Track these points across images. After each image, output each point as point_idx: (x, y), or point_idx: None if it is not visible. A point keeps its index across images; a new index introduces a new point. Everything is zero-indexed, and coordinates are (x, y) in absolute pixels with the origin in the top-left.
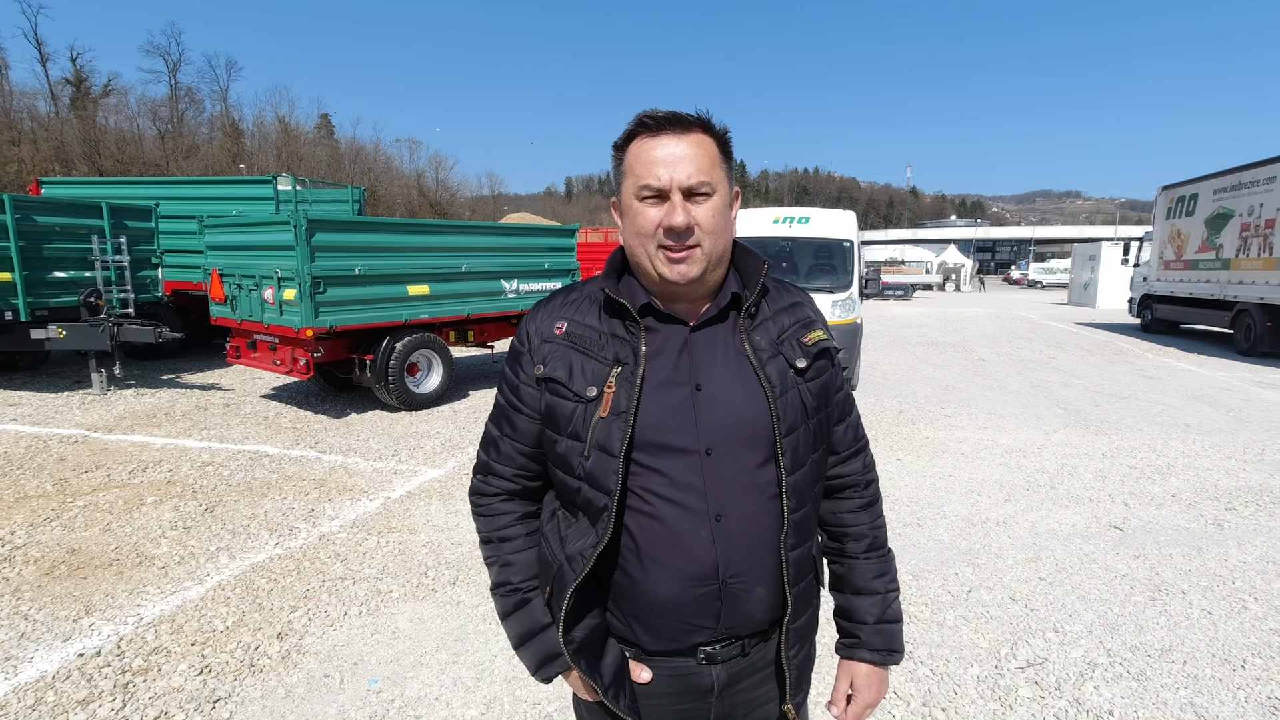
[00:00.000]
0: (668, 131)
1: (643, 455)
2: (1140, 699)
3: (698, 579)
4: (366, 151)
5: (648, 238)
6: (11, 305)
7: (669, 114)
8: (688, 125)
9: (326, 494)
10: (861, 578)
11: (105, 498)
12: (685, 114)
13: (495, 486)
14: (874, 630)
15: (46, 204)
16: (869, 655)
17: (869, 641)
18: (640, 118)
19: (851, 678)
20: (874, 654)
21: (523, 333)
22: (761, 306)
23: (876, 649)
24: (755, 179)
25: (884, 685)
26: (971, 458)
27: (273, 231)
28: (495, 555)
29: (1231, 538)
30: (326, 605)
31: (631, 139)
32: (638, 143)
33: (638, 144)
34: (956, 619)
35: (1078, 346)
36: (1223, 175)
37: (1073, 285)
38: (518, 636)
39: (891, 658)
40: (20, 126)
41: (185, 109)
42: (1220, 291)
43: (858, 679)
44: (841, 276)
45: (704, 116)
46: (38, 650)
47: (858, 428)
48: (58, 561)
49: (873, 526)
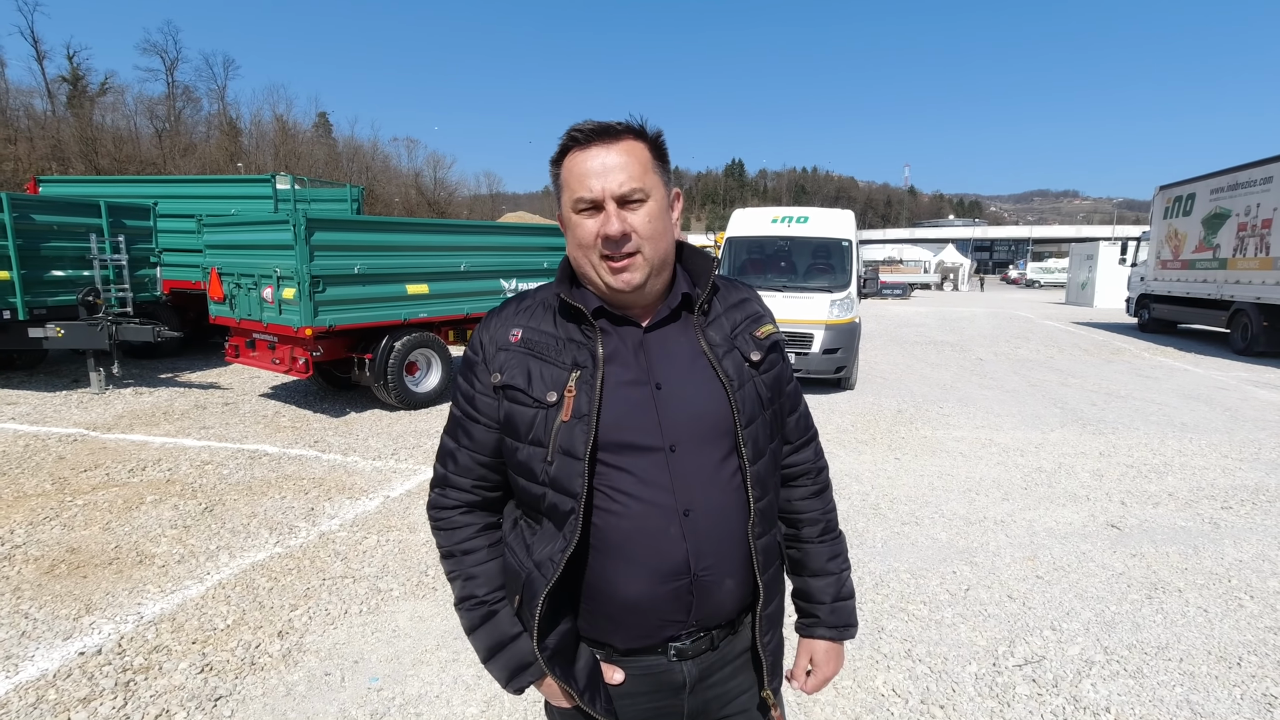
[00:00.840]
0: (596, 143)
1: (608, 455)
2: (1137, 696)
3: (669, 575)
4: (364, 150)
5: (589, 248)
6: (9, 304)
7: (597, 125)
8: (615, 134)
9: (326, 493)
10: (817, 561)
11: (105, 496)
12: (613, 123)
13: (454, 499)
14: (831, 609)
15: (44, 203)
16: (827, 633)
17: (827, 620)
18: (570, 131)
19: (811, 654)
20: (832, 630)
21: (476, 342)
22: (713, 304)
23: (834, 626)
24: (753, 178)
25: (841, 659)
26: (969, 457)
27: (272, 230)
28: (458, 569)
29: (1228, 536)
30: (327, 604)
31: (565, 154)
32: (570, 157)
33: (570, 158)
34: (954, 617)
35: (1075, 346)
36: (1220, 175)
37: (1070, 285)
38: (486, 650)
39: (847, 633)
40: (16, 124)
41: (182, 107)
42: (1217, 291)
43: (817, 655)
44: (840, 276)
45: (633, 124)
46: (38, 649)
47: (807, 417)
48: (58, 560)
49: (825, 512)
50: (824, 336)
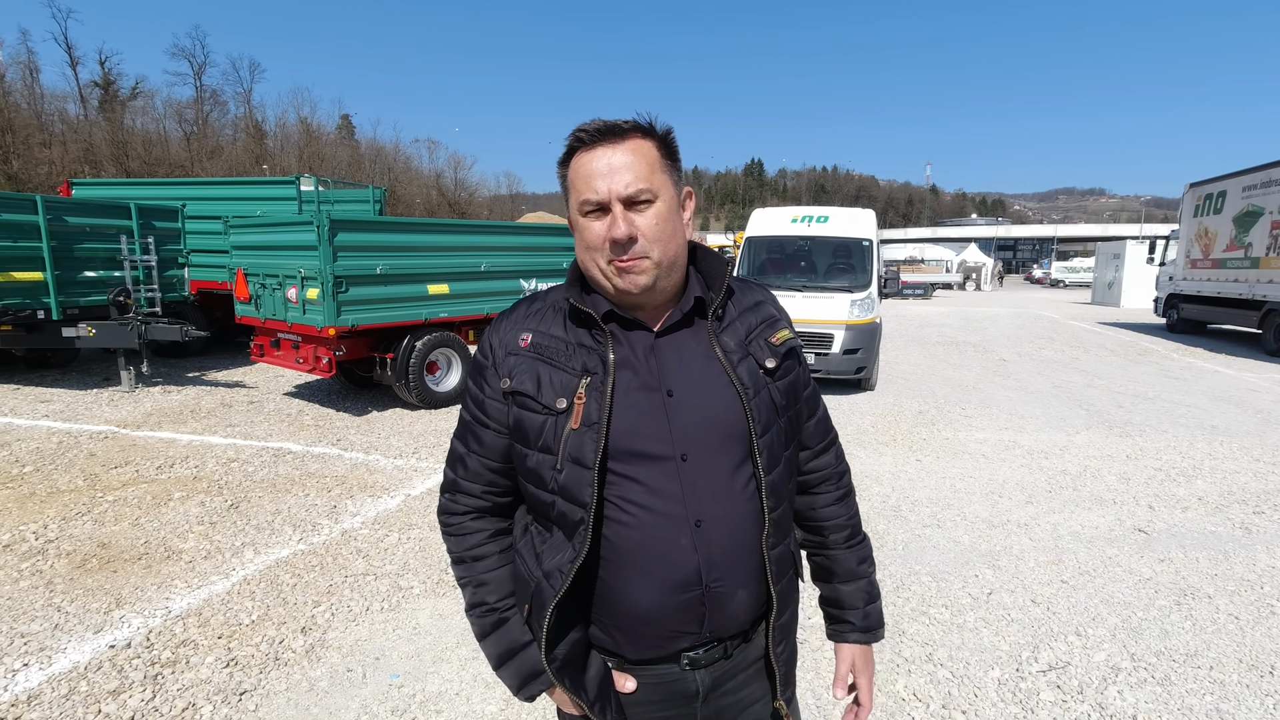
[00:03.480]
0: (602, 143)
1: (618, 464)
2: (1165, 704)
3: (680, 586)
4: (386, 152)
5: (596, 251)
6: (44, 304)
7: (602, 124)
8: (621, 133)
9: (348, 490)
10: (845, 566)
11: (134, 493)
12: (619, 122)
13: (464, 504)
14: (864, 614)
15: (77, 205)
16: (861, 637)
17: (860, 624)
18: (575, 132)
19: (851, 659)
20: (865, 634)
21: (485, 346)
22: (728, 308)
23: (867, 630)
24: (773, 177)
25: (873, 660)
26: (992, 459)
27: (296, 231)
28: (469, 575)
29: (1260, 542)
30: (349, 600)
31: (571, 155)
32: (576, 158)
33: (576, 159)
34: (977, 621)
35: (1101, 346)
36: (1252, 172)
37: (1096, 284)
38: (497, 657)
39: (877, 634)
40: (51, 129)
41: (210, 110)
42: (1249, 291)
43: (857, 660)
44: (860, 276)
45: (641, 121)
46: (70, 641)
47: (826, 421)
48: (89, 555)
49: (850, 517)
50: (844, 337)
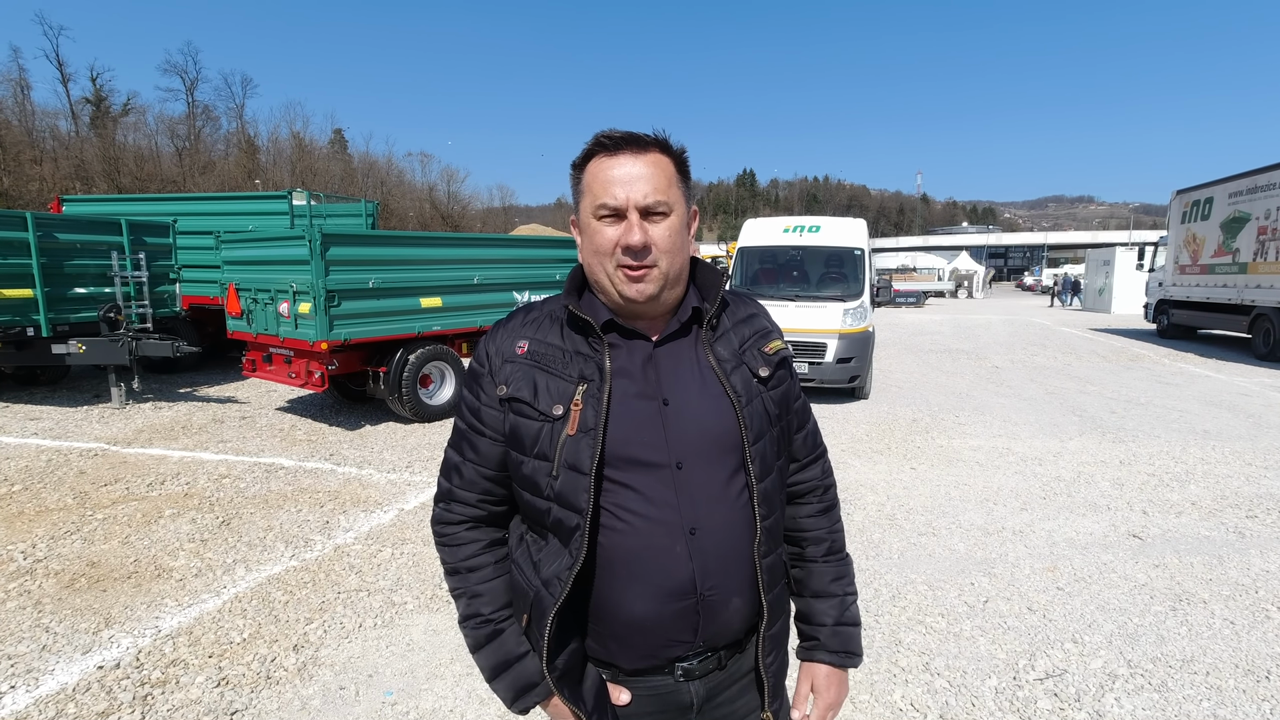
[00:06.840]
0: (625, 151)
1: (614, 472)
2: (1162, 711)
3: (676, 594)
4: (379, 165)
5: (606, 256)
6: (33, 321)
7: (626, 134)
8: (645, 145)
9: (341, 506)
10: (819, 581)
11: (124, 510)
12: (642, 134)
13: (459, 514)
14: (832, 632)
15: (67, 221)
16: (827, 657)
17: (827, 643)
18: (598, 137)
19: (812, 679)
20: (832, 655)
21: (481, 354)
22: (722, 319)
23: (834, 650)
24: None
25: (844, 687)
26: (986, 466)
27: (288, 246)
28: (463, 586)
29: (1254, 546)
30: (342, 617)
31: (589, 158)
32: (595, 162)
33: (595, 163)
34: (973, 629)
35: (1093, 353)
36: (1238, 179)
37: (1087, 291)
38: (491, 669)
39: (850, 660)
40: (42, 145)
41: (202, 126)
42: (1238, 296)
43: (818, 680)
44: (853, 285)
45: (661, 136)
46: (58, 662)
47: (816, 434)
48: (78, 574)
49: (831, 531)
50: (837, 346)
